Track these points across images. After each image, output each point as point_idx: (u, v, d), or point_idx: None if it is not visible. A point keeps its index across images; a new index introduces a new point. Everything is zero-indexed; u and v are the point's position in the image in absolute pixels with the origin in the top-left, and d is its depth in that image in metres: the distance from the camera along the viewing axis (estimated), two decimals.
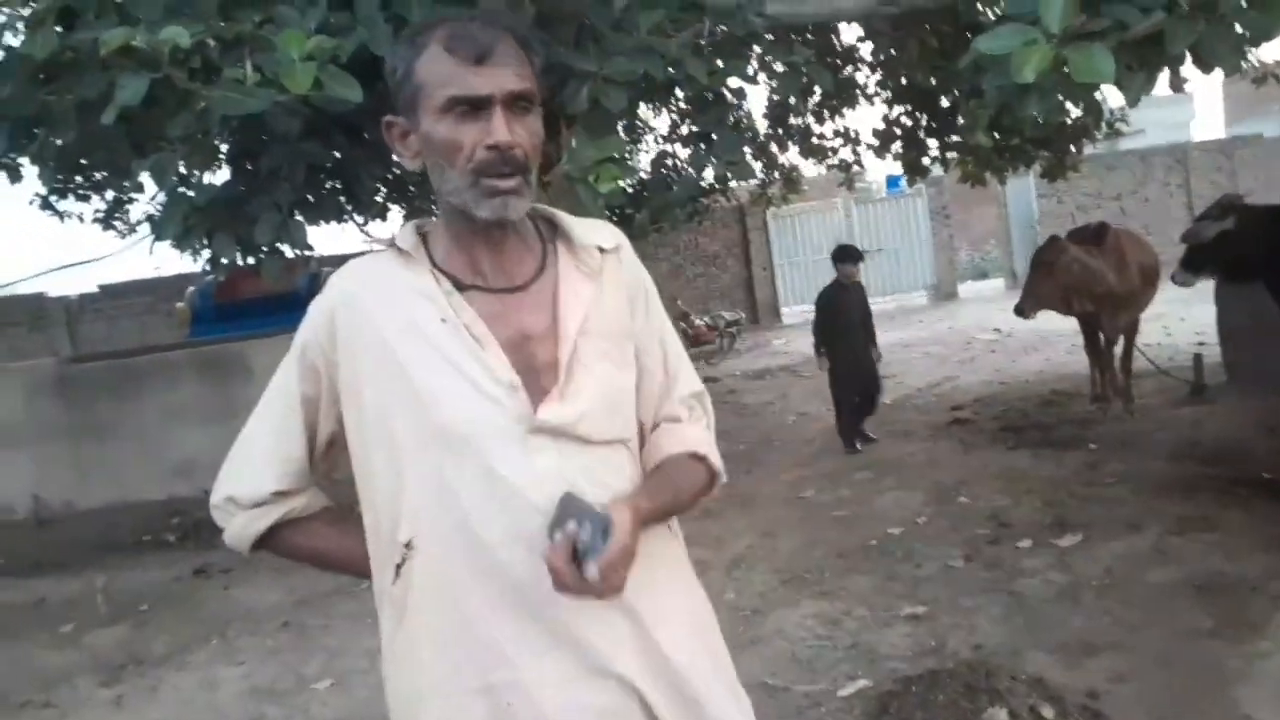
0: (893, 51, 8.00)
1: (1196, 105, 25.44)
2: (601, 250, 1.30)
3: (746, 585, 4.21)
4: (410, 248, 1.24)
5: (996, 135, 7.59)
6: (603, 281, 1.28)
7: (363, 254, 1.30)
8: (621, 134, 9.38)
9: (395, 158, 1.26)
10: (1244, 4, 2.63)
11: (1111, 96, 6.21)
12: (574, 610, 1.13)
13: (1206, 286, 6.09)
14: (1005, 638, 3.34)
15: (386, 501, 1.21)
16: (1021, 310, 6.12)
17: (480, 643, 1.16)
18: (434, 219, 1.32)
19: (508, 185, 1.17)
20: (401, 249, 1.24)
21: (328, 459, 1.31)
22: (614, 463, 1.24)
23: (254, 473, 1.27)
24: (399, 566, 1.20)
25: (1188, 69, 3.05)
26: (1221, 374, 6.79)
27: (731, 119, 6.10)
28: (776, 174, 12.03)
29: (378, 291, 1.23)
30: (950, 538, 4.45)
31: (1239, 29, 2.68)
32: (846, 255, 7.10)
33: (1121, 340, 6.52)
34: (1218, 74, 2.97)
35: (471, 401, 1.17)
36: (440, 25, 1.18)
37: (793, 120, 10.63)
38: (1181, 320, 9.31)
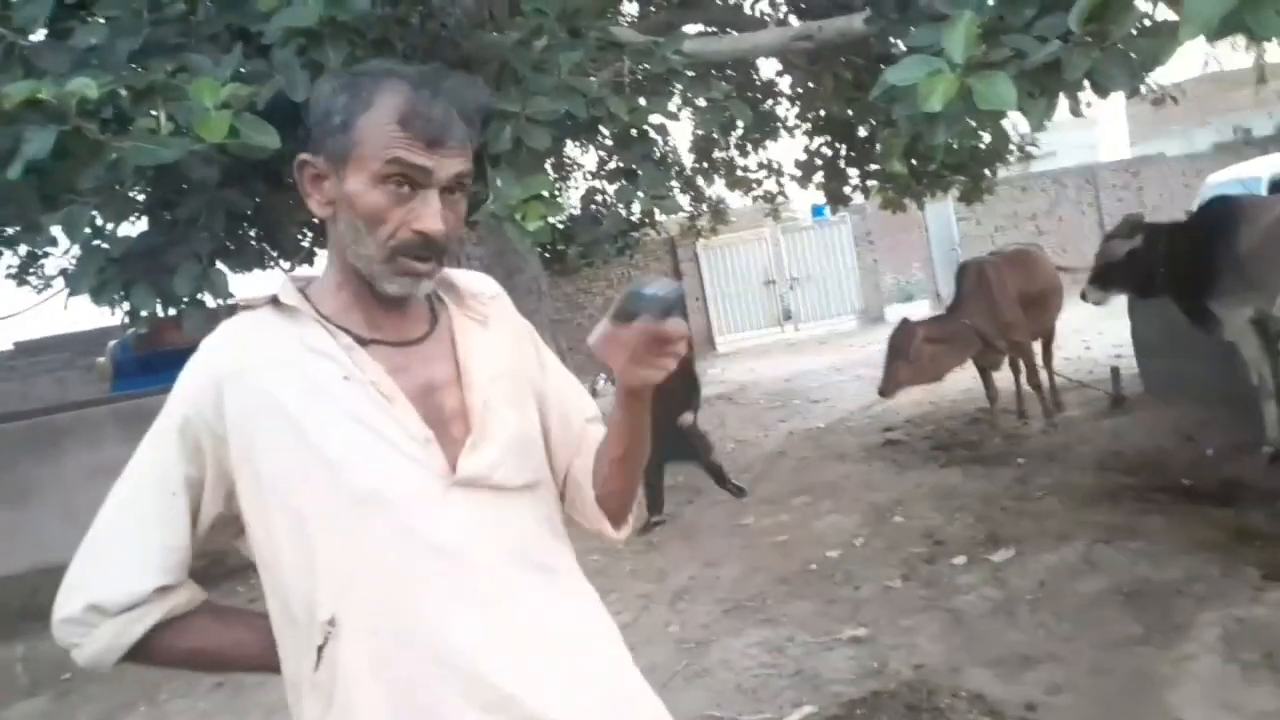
0: (810, 84, 8.21)
1: (1102, 128, 26.55)
2: (488, 297, 1.30)
3: (690, 617, 4.20)
4: (296, 303, 1.16)
5: (913, 162, 7.82)
6: (492, 326, 1.28)
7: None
8: (549, 172, 9.45)
9: (304, 197, 1.18)
10: (1134, 32, 2.76)
11: (1020, 122, 6.46)
12: (512, 669, 1.10)
13: (1122, 301, 6.33)
14: (944, 655, 3.38)
15: (298, 581, 1.10)
16: (884, 393, 6.34)
17: (422, 713, 1.09)
18: (309, 273, 1.26)
19: (424, 269, 1.14)
20: (286, 304, 1.16)
21: (207, 543, 1.18)
22: (528, 507, 1.21)
23: (128, 570, 1.11)
24: (320, 648, 1.09)
25: (1087, 94, 3.19)
26: (1139, 385, 7.04)
27: (656, 154, 6.18)
28: (704, 206, 12.20)
29: (268, 354, 1.14)
30: (887, 558, 4.51)
31: (1131, 55, 2.81)
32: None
33: (1036, 359, 6.77)
34: (1119, 97, 3.11)
35: (386, 460, 1.11)
36: (396, 88, 1.11)
37: (717, 154, 10.82)
38: (1100, 334, 9.62)
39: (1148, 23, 2.72)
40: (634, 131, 4.51)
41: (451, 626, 1.10)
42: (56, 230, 3.80)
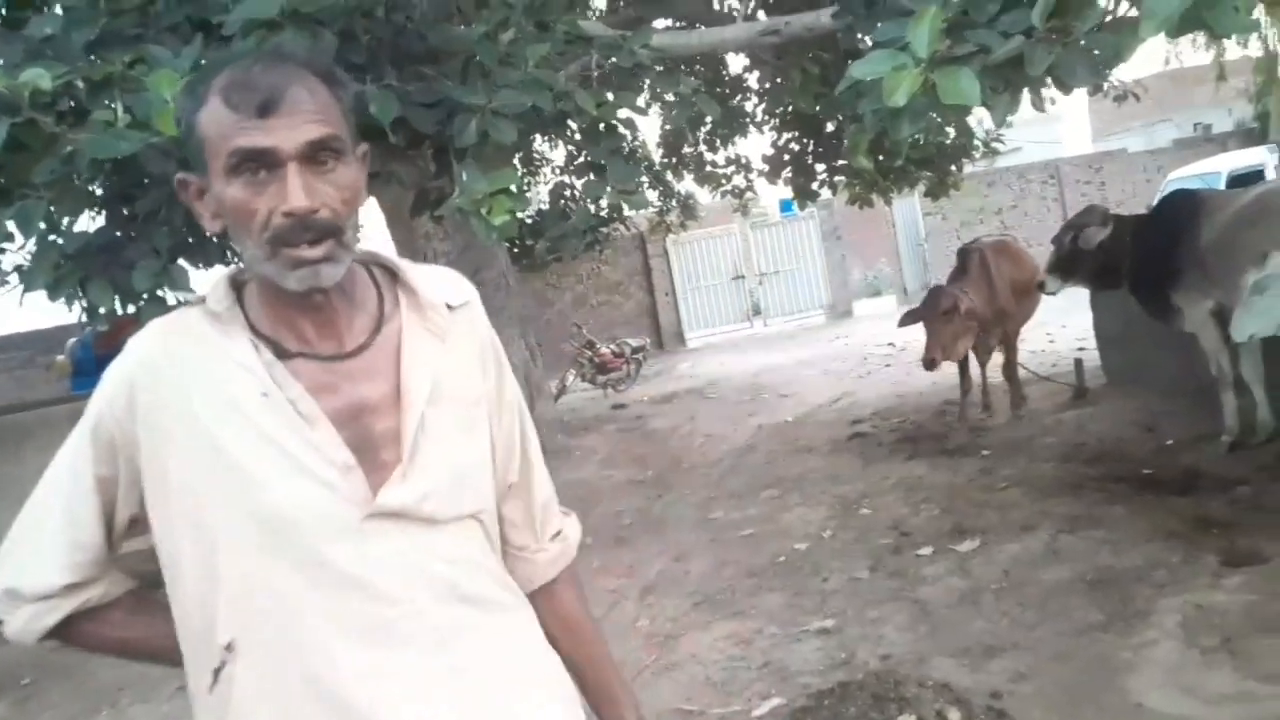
0: (777, 80, 8.23)
1: (1066, 124, 26.90)
2: (450, 307, 1.16)
3: (659, 611, 4.21)
4: (224, 309, 1.08)
5: (880, 158, 7.88)
6: (451, 341, 1.14)
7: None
8: (517, 166, 9.41)
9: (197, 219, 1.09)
10: (1096, 29, 2.79)
11: (986, 119, 6.52)
12: (419, 716, 1.04)
13: (1084, 293, 6.42)
14: (911, 645, 3.41)
15: (198, 598, 1.05)
16: (932, 364, 6.33)
17: None
18: None
19: (314, 254, 1.02)
20: (213, 310, 1.08)
21: (127, 540, 1.14)
22: (463, 539, 1.12)
23: (40, 563, 1.10)
24: (216, 671, 1.04)
25: (1050, 90, 3.22)
26: (1102, 377, 7.14)
27: (625, 149, 6.19)
28: (673, 202, 12.23)
29: (187, 359, 1.07)
30: (855, 550, 4.54)
31: (1094, 51, 2.84)
32: None
33: (1002, 350, 6.84)
34: (1082, 94, 3.14)
35: (297, 486, 1.03)
36: (223, 73, 1.02)
37: (686, 149, 10.84)
38: (1063, 327, 9.74)
39: (1110, 19, 2.74)
40: (602, 126, 4.50)
41: (354, 667, 1.03)
42: (10, 225, 3.74)
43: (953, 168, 9.19)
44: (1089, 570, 3.77)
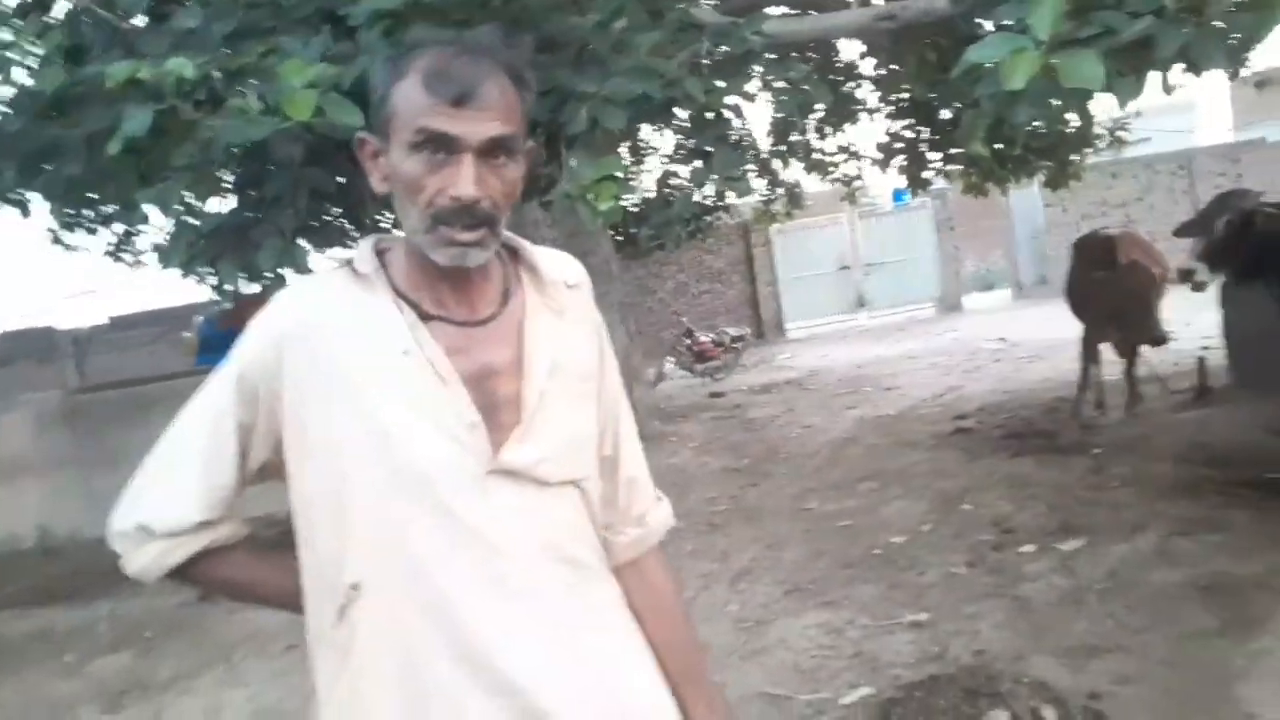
0: (892, 66, 8.07)
1: (1201, 112, 25.50)
2: (568, 285, 1.25)
3: (750, 597, 4.23)
4: (370, 271, 1.17)
5: (997, 146, 7.64)
6: (568, 318, 1.23)
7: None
8: (625, 154, 9.48)
9: (367, 175, 1.18)
10: (1232, 8, 2.66)
11: (1113, 106, 6.24)
12: (524, 660, 1.12)
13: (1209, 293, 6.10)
14: (1007, 642, 3.35)
15: (329, 540, 1.14)
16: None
17: (430, 691, 1.11)
18: (395, 236, 1.25)
19: (467, 238, 1.10)
20: (360, 272, 1.17)
21: (252, 485, 1.22)
22: (567, 502, 1.20)
23: (177, 500, 1.17)
24: (343, 608, 1.13)
25: (1184, 74, 3.07)
26: (1228, 378, 6.80)
27: (731, 136, 6.18)
28: (780, 190, 12.11)
29: (334, 319, 1.15)
30: (953, 545, 4.47)
31: (1229, 32, 2.71)
32: None
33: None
34: (1220, 79, 3.00)
35: (432, 440, 1.11)
36: (427, 52, 1.11)
37: (794, 136, 10.70)
38: (1187, 325, 9.30)
39: None
40: (709, 113, 4.51)
41: (472, 610, 1.11)
42: (149, 208, 3.99)
43: (1074, 157, 8.81)
44: (1203, 575, 3.62)
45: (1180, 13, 2.51)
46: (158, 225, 6.09)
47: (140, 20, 3.54)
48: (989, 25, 4.92)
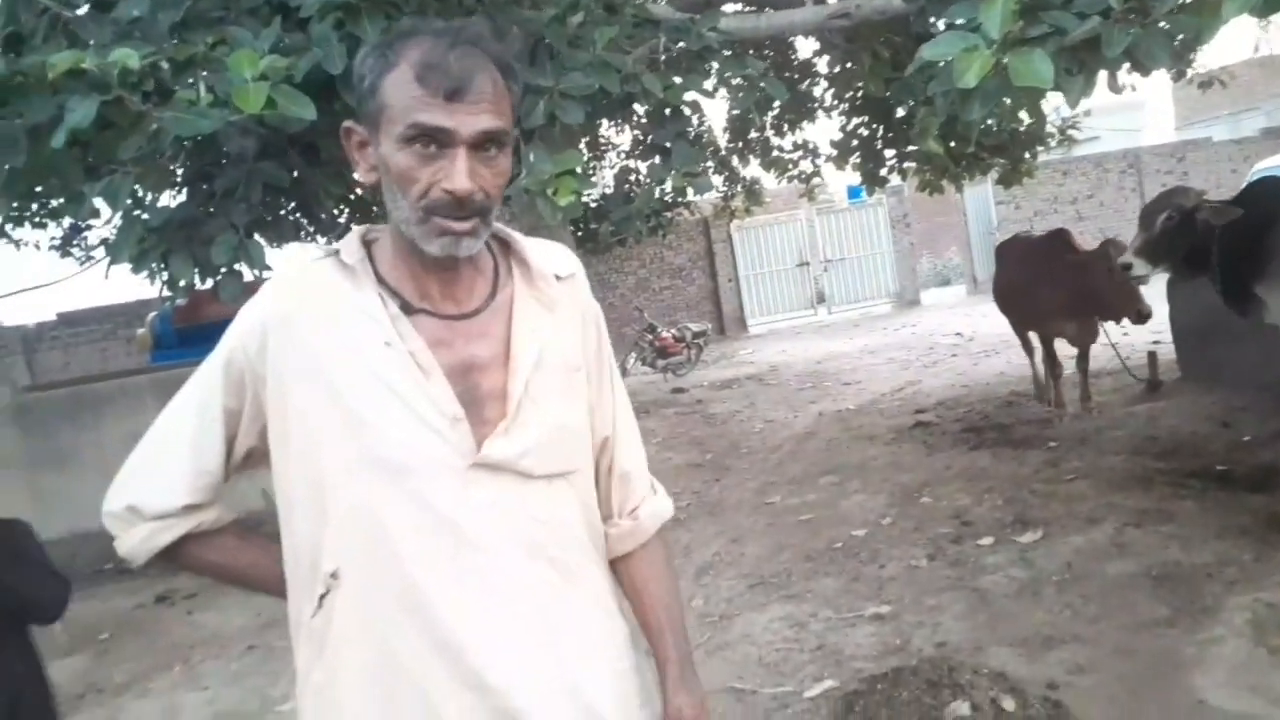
0: (847, 64, 8.12)
1: (1148, 112, 26.03)
2: (558, 278, 1.25)
3: (714, 591, 4.24)
4: (355, 262, 1.17)
5: (951, 144, 7.71)
6: (558, 311, 1.23)
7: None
8: (583, 149, 9.44)
9: (352, 168, 1.19)
10: (1177, 9, 2.70)
11: (1063, 105, 6.33)
12: (498, 658, 1.12)
13: (1160, 287, 6.22)
14: (968, 634, 3.38)
15: (309, 529, 1.15)
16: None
17: (402, 683, 1.11)
18: (383, 226, 1.23)
19: (460, 228, 1.11)
20: (346, 262, 1.17)
21: (240, 471, 1.24)
22: (554, 496, 1.20)
23: (164, 484, 1.20)
24: (322, 597, 1.14)
25: (1131, 74, 3.13)
26: (1177, 371, 6.94)
27: (690, 132, 6.18)
28: (739, 187, 12.15)
29: (317, 309, 1.16)
30: (914, 538, 4.51)
31: (1174, 33, 2.76)
32: None
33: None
34: (1165, 80, 3.06)
35: (411, 432, 1.12)
36: (416, 42, 1.10)
37: (752, 133, 10.74)
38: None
39: None
40: (668, 109, 4.50)
41: (449, 603, 1.11)
42: (98, 202, 3.89)
43: (1026, 155, 8.95)
44: (1155, 565, 3.69)
45: (1126, 14, 2.55)
46: (108, 220, 5.94)
47: (84, 8, 3.44)
48: (942, 24, 4.98)
